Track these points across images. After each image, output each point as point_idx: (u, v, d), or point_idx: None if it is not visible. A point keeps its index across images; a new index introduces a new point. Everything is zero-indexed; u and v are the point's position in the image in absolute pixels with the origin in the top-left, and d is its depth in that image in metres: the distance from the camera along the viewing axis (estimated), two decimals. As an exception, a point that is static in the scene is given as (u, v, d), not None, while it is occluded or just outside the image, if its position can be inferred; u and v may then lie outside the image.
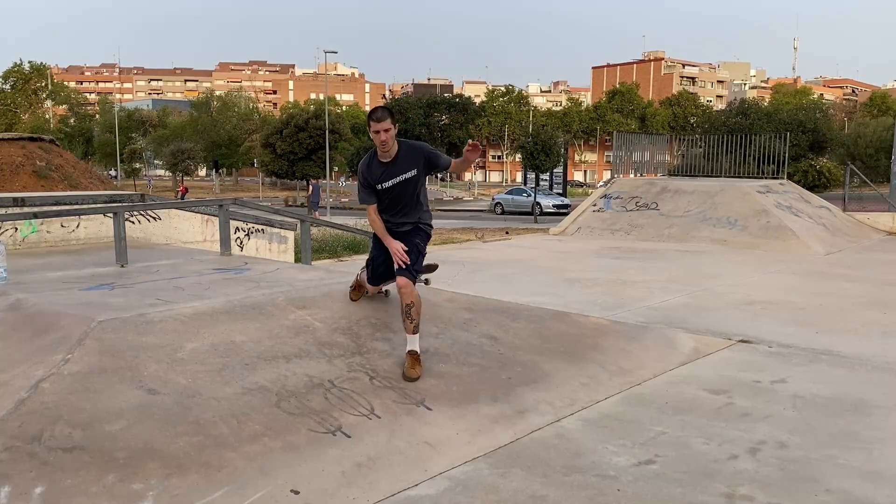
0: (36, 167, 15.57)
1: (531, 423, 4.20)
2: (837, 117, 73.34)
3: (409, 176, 4.52)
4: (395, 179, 4.50)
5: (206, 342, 4.32)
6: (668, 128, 71.31)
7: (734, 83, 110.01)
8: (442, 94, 69.41)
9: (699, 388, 4.93)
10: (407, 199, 4.59)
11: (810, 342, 6.24)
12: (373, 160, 4.55)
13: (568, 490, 3.39)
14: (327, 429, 3.73)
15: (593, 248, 13.08)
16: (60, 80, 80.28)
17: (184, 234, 9.74)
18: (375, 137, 4.37)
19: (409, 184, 4.55)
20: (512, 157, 76.00)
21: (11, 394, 3.58)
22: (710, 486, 3.45)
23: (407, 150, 4.53)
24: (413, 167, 4.50)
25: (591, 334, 5.84)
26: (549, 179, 38.62)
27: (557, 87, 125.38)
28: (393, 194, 4.56)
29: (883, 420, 4.37)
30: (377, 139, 4.36)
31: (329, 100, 58.26)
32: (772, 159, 18.63)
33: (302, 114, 48.72)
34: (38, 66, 60.36)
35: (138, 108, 76.91)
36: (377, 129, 4.34)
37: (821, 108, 58.77)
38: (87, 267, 6.55)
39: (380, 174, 4.52)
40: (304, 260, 8.69)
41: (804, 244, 12.88)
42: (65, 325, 4.34)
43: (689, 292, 8.64)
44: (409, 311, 4.42)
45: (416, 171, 4.52)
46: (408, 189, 4.56)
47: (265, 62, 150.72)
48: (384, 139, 4.35)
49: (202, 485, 3.14)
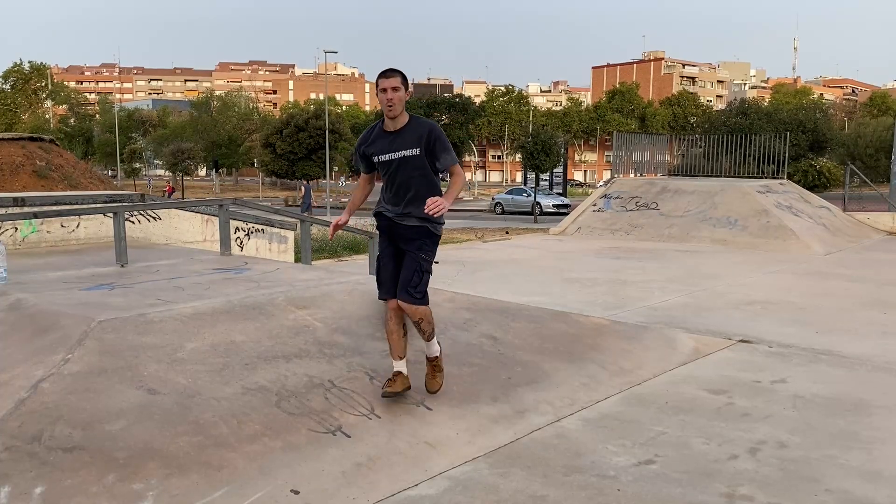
0: (36, 167, 15.57)
1: (531, 423, 4.20)
2: (837, 117, 73.38)
3: (409, 154, 3.95)
4: (394, 154, 3.96)
5: (206, 342, 4.32)
6: (668, 128, 71.31)
7: (734, 83, 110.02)
8: (442, 94, 69.44)
9: (699, 388, 4.93)
10: (409, 182, 3.99)
11: (810, 342, 6.24)
12: (376, 127, 4.09)
13: (568, 490, 3.39)
14: (327, 429, 3.73)
15: (593, 248, 13.08)
16: (60, 80, 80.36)
17: (184, 234, 9.74)
18: (382, 97, 3.90)
19: (411, 165, 3.96)
20: (512, 157, 76.02)
21: (11, 394, 3.58)
22: (710, 486, 3.45)
23: (414, 126, 4.00)
24: (416, 146, 3.95)
25: (591, 334, 5.84)
26: (549, 179, 38.63)
27: (557, 87, 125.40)
28: (390, 171, 4.00)
29: (883, 420, 4.37)
30: (383, 98, 3.90)
31: (329, 100, 58.29)
32: (772, 159, 18.63)
33: (302, 114, 48.80)
34: (38, 66, 60.43)
35: (138, 108, 76.92)
36: (384, 85, 3.88)
37: (821, 108, 58.85)
38: (87, 267, 6.55)
39: (381, 144, 4.02)
40: (304, 260, 8.69)
41: (804, 244, 12.88)
42: (65, 325, 4.34)
43: (689, 292, 8.64)
44: (419, 325, 4.01)
45: (419, 152, 3.94)
46: (408, 170, 3.97)
47: (265, 62, 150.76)
48: (390, 98, 3.86)
49: (202, 485, 3.14)
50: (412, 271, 3.98)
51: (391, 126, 3.98)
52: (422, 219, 3.97)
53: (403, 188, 3.99)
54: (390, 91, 3.87)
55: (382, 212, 4.12)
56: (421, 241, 4.02)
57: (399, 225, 4.05)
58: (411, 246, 4.02)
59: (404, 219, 4.03)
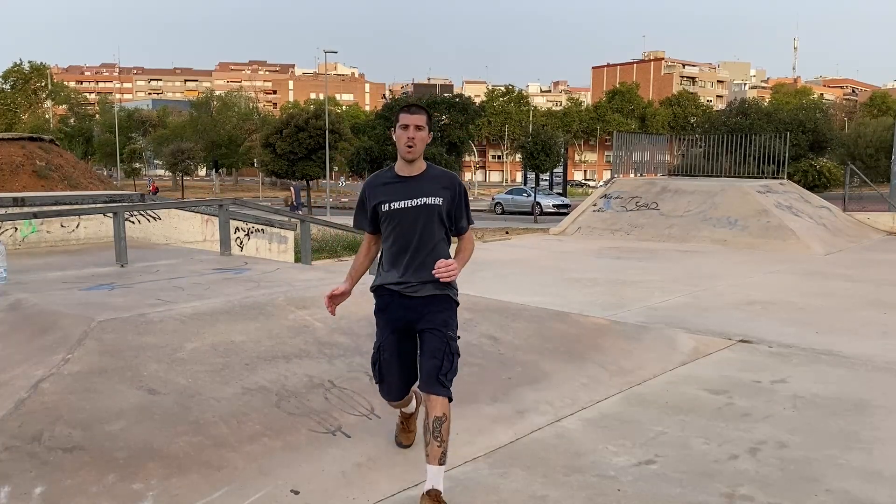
0: (36, 167, 15.56)
1: (531, 423, 4.20)
2: (837, 117, 73.38)
3: (431, 202, 3.20)
4: (412, 201, 3.20)
5: (206, 342, 4.32)
6: (668, 128, 71.32)
7: (734, 83, 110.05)
8: (442, 94, 69.31)
9: (699, 388, 4.93)
10: (426, 238, 3.22)
11: (810, 342, 6.24)
12: (386, 171, 3.35)
13: (568, 490, 3.39)
14: (327, 429, 3.72)
15: (593, 248, 13.08)
16: (60, 80, 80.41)
17: (184, 233, 9.75)
18: (401, 135, 3.17)
19: (430, 215, 3.21)
20: (512, 157, 76.11)
21: (11, 394, 3.58)
22: (710, 486, 3.45)
23: (436, 174, 3.30)
24: (439, 194, 3.22)
25: (592, 334, 5.84)
26: (549, 179, 38.67)
27: (557, 87, 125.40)
28: (403, 225, 3.20)
29: (883, 420, 4.37)
30: (403, 137, 3.17)
31: (329, 100, 58.27)
32: (772, 159, 18.63)
33: (302, 114, 48.71)
34: (38, 66, 60.42)
35: (138, 108, 76.97)
36: (407, 121, 3.16)
37: (821, 108, 58.80)
38: (87, 267, 6.55)
39: (392, 190, 3.23)
40: (304, 260, 8.69)
41: (804, 244, 12.88)
42: (65, 325, 4.34)
43: (690, 292, 8.64)
44: (439, 427, 3.12)
45: (443, 201, 3.22)
46: (427, 224, 3.21)
47: (265, 62, 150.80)
48: (412, 137, 3.16)
49: (202, 485, 3.14)
50: (441, 354, 3.18)
51: (406, 170, 3.25)
52: (441, 286, 3.22)
53: (419, 246, 3.22)
54: (413, 129, 3.17)
55: (385, 284, 3.30)
56: (445, 314, 3.25)
57: (411, 298, 3.24)
58: (433, 322, 3.22)
59: (418, 289, 3.23)
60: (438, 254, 3.21)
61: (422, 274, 3.20)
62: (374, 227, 3.33)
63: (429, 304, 3.23)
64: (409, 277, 3.22)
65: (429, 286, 3.21)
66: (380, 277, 3.33)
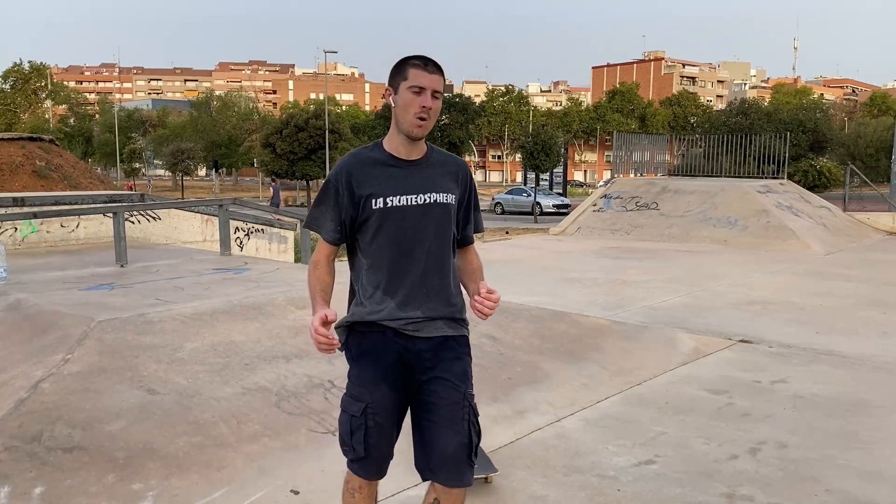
0: (36, 167, 15.57)
1: (531, 423, 4.19)
2: (837, 117, 73.38)
3: (444, 199, 2.29)
4: (418, 197, 2.25)
5: (206, 342, 4.32)
6: (668, 128, 71.30)
7: (734, 83, 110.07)
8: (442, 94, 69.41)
9: (699, 388, 4.93)
10: (436, 252, 2.29)
11: (810, 342, 6.24)
12: (372, 148, 2.32)
13: (568, 490, 3.39)
14: (327, 429, 3.72)
15: (593, 248, 13.07)
16: (60, 80, 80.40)
17: (183, 233, 9.75)
18: (412, 101, 2.19)
19: (443, 218, 2.29)
20: (512, 157, 76.08)
21: (11, 394, 3.58)
22: (710, 486, 3.45)
23: (443, 158, 2.38)
24: (451, 191, 2.32)
25: (591, 334, 5.84)
26: (549, 179, 38.67)
27: (557, 87, 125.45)
28: (405, 231, 2.24)
29: (883, 420, 4.37)
30: (414, 105, 2.19)
31: (329, 100, 58.29)
32: (772, 159, 18.63)
33: (302, 114, 48.71)
34: (37, 66, 60.36)
35: (138, 108, 77.00)
36: (422, 82, 2.19)
37: (821, 108, 58.88)
38: (86, 267, 6.55)
39: (388, 178, 2.24)
40: (304, 260, 8.69)
41: (804, 244, 12.88)
42: (65, 325, 4.34)
43: (690, 292, 8.63)
44: None
45: (455, 198, 2.34)
46: (437, 229, 2.28)
47: (265, 62, 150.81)
48: (427, 107, 2.19)
49: (202, 485, 3.14)
50: (467, 425, 2.26)
51: (406, 151, 2.27)
52: (457, 324, 2.35)
53: (429, 264, 2.28)
54: (430, 95, 2.20)
55: (378, 321, 2.28)
56: (462, 362, 2.33)
57: (416, 340, 2.28)
58: (447, 372, 2.28)
59: (426, 326, 2.28)
60: (452, 276, 2.33)
61: (433, 305, 2.28)
62: (340, 234, 2.30)
63: (441, 350, 2.29)
64: (414, 311, 2.26)
65: (440, 323, 2.29)
66: (361, 309, 2.30)
